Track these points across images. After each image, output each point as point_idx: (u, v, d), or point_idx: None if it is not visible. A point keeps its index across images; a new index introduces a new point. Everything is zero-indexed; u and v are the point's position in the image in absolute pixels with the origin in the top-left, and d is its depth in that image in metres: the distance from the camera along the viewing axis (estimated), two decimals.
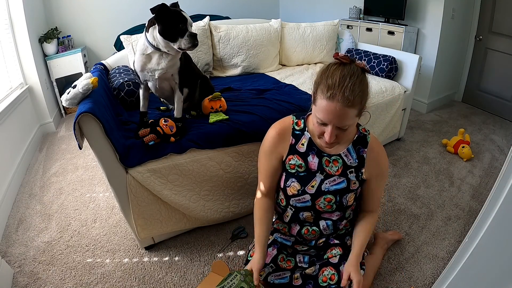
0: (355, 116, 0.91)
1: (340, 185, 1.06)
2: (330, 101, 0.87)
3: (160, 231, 1.44)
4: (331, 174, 1.06)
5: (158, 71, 1.34)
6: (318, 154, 1.06)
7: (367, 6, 3.24)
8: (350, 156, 1.06)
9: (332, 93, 0.86)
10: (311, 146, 1.06)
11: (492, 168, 2.07)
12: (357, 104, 0.88)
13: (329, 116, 0.88)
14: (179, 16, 1.24)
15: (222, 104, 1.58)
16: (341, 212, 1.11)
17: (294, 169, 1.08)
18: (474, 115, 2.90)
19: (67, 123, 3.09)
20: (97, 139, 1.15)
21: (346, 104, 0.86)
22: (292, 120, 1.10)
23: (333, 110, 0.87)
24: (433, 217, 1.65)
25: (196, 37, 1.27)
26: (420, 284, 1.28)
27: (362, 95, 0.89)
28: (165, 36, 1.25)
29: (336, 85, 0.86)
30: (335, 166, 1.06)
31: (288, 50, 2.59)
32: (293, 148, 1.08)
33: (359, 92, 0.87)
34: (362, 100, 0.90)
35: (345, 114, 0.87)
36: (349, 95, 0.85)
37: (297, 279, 1.15)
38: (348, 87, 0.86)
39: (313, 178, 1.07)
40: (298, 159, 1.07)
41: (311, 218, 1.12)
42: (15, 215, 1.80)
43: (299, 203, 1.10)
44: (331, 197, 1.06)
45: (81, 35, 3.56)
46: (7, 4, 2.49)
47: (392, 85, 2.15)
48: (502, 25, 2.63)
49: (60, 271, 1.40)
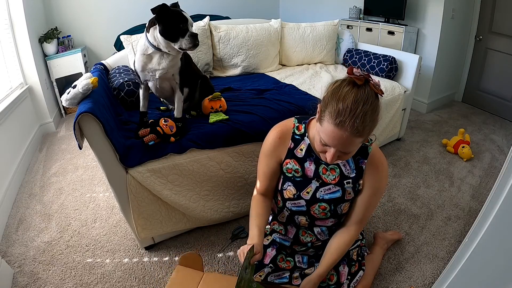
0: (361, 143, 0.87)
1: (335, 194, 1.04)
2: (338, 128, 0.81)
3: (160, 231, 1.44)
4: (327, 182, 1.04)
5: (159, 71, 1.34)
6: (316, 161, 1.04)
7: (367, 6, 3.24)
8: (348, 166, 1.03)
9: (342, 121, 0.79)
10: (310, 153, 1.04)
11: (492, 168, 2.07)
12: (366, 134, 0.83)
13: (334, 142, 0.84)
14: (180, 16, 1.24)
15: (222, 104, 1.58)
16: (336, 219, 1.10)
17: (291, 174, 1.07)
18: (474, 115, 2.90)
19: (67, 123, 3.09)
20: (97, 139, 1.15)
21: (355, 134, 0.80)
22: (294, 124, 1.07)
23: (339, 137, 0.82)
24: (433, 217, 1.65)
25: (197, 37, 1.27)
26: (420, 284, 1.28)
27: (372, 125, 0.83)
28: (165, 36, 1.24)
29: (347, 112, 0.79)
30: (332, 174, 1.04)
31: (288, 50, 2.59)
32: (291, 152, 1.06)
33: (370, 122, 0.81)
34: (371, 129, 0.84)
35: (351, 142, 0.83)
36: (359, 126, 0.79)
37: (297, 279, 1.15)
38: (360, 117, 0.79)
39: (308, 185, 1.05)
40: (295, 163, 1.05)
41: (305, 223, 1.12)
42: (15, 215, 1.80)
43: (295, 207, 1.09)
44: (325, 205, 1.05)
45: (81, 35, 3.56)
46: (7, 4, 2.48)
47: (392, 85, 2.15)
48: (502, 25, 2.63)
49: (60, 271, 1.40)
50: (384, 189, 1.07)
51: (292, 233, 1.19)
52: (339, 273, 1.14)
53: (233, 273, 1.37)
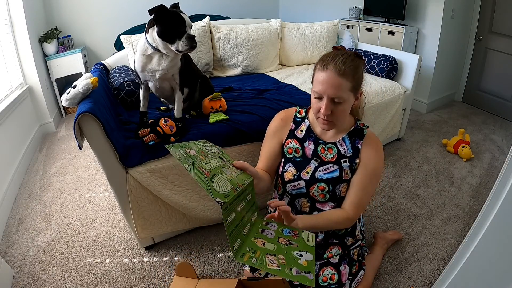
0: (349, 90, 0.97)
1: (333, 174, 1.08)
2: (323, 71, 0.96)
3: (160, 231, 1.44)
4: (326, 160, 1.10)
5: (159, 72, 1.34)
6: (315, 141, 1.12)
7: (367, 6, 3.24)
8: (344, 146, 1.10)
9: (325, 64, 0.96)
10: (309, 133, 1.13)
11: (492, 168, 2.07)
12: (349, 76, 0.95)
13: (323, 86, 0.96)
14: (177, 18, 1.23)
15: (222, 104, 1.58)
16: (335, 203, 1.12)
17: (291, 154, 1.14)
18: (474, 115, 2.90)
19: (67, 123, 3.09)
20: (97, 139, 1.15)
21: (338, 72, 0.94)
22: (296, 109, 1.19)
23: (326, 79, 0.95)
24: (433, 217, 1.65)
25: (194, 39, 1.25)
26: (420, 284, 1.28)
27: (354, 70, 0.96)
28: (163, 37, 1.24)
29: (330, 57, 0.97)
30: (330, 153, 1.10)
31: (288, 50, 2.59)
32: (292, 133, 1.15)
33: (351, 65, 0.95)
34: (354, 75, 0.96)
35: (338, 84, 0.94)
36: (341, 66, 0.94)
37: None
38: (340, 60, 0.95)
39: (308, 164, 1.11)
40: (295, 143, 1.14)
41: (307, 205, 1.14)
42: (15, 215, 1.80)
43: (295, 189, 1.12)
44: (324, 186, 1.08)
45: (81, 35, 3.56)
46: (7, 4, 2.49)
47: (392, 85, 2.15)
48: (502, 25, 2.63)
49: (60, 271, 1.40)
50: (380, 173, 1.09)
51: None
52: (340, 272, 1.14)
53: (233, 273, 1.37)
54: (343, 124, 1.08)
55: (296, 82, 2.13)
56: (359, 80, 1.00)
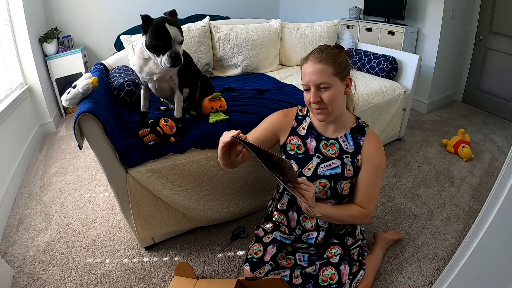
0: (332, 75, 1.01)
1: (335, 170, 1.10)
2: (306, 64, 1.04)
3: (160, 231, 1.44)
4: (328, 156, 1.12)
5: (156, 75, 1.34)
6: (317, 138, 1.15)
7: (367, 6, 3.24)
8: (347, 142, 1.12)
9: (306, 57, 1.06)
10: (311, 130, 1.16)
11: (492, 168, 2.07)
12: (329, 61, 1.00)
13: (308, 77, 1.02)
14: (163, 33, 1.17)
15: (222, 104, 1.58)
16: (336, 201, 1.13)
17: (293, 151, 1.17)
18: (474, 115, 2.90)
19: (67, 123, 3.09)
20: (97, 139, 1.15)
21: (317, 60, 1.01)
22: (297, 108, 1.23)
23: (309, 70, 1.02)
24: (433, 217, 1.65)
25: (177, 57, 1.20)
26: (420, 284, 1.28)
27: (334, 57, 1.01)
28: (148, 49, 1.23)
29: (311, 51, 1.06)
30: (332, 149, 1.13)
31: (288, 50, 2.59)
32: (294, 130, 1.19)
33: (329, 52, 1.02)
34: (335, 60, 1.01)
35: (319, 70, 1.00)
36: (319, 54, 1.01)
37: (297, 277, 1.16)
38: (318, 50, 1.04)
39: (310, 161, 1.13)
40: (298, 140, 1.17)
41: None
42: (15, 215, 1.80)
43: None
44: (326, 182, 1.09)
45: (81, 35, 3.56)
46: (7, 4, 2.49)
47: (392, 85, 2.15)
48: (502, 25, 2.63)
49: (60, 271, 1.40)
50: (383, 168, 1.12)
51: (294, 220, 1.21)
52: (340, 272, 1.14)
53: (233, 273, 1.37)
54: (337, 111, 1.06)
55: (296, 82, 2.13)
56: (341, 65, 1.03)
